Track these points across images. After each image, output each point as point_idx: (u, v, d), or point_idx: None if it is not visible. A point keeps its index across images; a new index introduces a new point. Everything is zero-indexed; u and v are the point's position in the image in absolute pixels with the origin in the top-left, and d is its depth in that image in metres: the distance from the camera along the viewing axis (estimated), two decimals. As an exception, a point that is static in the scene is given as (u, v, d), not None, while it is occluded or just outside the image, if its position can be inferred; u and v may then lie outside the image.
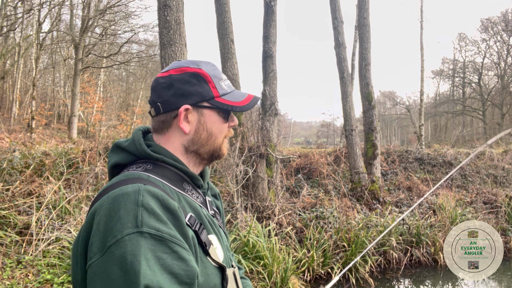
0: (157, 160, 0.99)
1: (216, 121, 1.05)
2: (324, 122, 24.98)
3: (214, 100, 1.03)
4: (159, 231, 0.78)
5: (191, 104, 1.02)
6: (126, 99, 30.64)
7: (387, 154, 11.72)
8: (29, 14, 18.13)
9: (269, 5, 7.63)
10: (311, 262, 5.74)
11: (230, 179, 6.27)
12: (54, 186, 5.48)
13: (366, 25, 9.59)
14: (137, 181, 0.87)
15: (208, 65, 1.08)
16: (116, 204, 0.80)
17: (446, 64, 36.48)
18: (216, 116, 1.05)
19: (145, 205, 0.80)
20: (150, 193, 0.83)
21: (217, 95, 1.04)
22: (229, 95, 1.06)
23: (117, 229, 0.76)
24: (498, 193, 9.34)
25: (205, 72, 1.04)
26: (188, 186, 1.03)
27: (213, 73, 1.06)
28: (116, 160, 1.02)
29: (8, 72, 21.66)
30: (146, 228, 0.77)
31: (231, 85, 1.11)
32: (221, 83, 1.06)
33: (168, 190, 0.93)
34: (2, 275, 3.93)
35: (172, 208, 0.84)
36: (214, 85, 1.04)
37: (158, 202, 0.83)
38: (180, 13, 5.10)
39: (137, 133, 1.04)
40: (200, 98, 1.02)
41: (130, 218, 0.77)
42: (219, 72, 1.09)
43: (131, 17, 20.39)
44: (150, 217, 0.78)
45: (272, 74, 7.47)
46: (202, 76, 1.03)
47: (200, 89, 1.02)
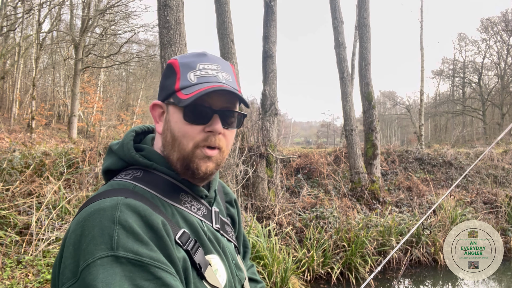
0: (148, 167, 0.87)
1: (178, 121, 0.87)
2: (324, 122, 25.01)
3: (175, 94, 0.87)
4: (138, 255, 0.66)
5: (161, 100, 0.91)
6: (126, 99, 30.64)
7: (387, 154, 11.72)
8: (29, 14, 18.13)
9: (269, 5, 7.63)
10: (311, 262, 5.73)
11: (230, 179, 6.27)
12: (54, 186, 5.48)
13: (366, 25, 9.60)
14: (119, 193, 0.77)
15: (193, 54, 0.92)
16: (91, 221, 0.70)
17: (446, 64, 36.53)
18: (179, 114, 0.86)
19: (122, 222, 0.69)
20: (130, 208, 0.72)
21: (178, 89, 0.87)
22: (189, 88, 0.86)
23: (89, 251, 0.65)
24: (498, 193, 9.34)
25: (177, 61, 0.90)
26: (187, 197, 0.90)
27: (186, 61, 0.89)
28: (106, 165, 0.92)
29: (8, 72, 21.66)
30: (122, 252, 0.66)
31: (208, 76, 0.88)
32: (190, 73, 0.87)
33: (158, 202, 0.82)
34: (2, 275, 3.93)
35: (155, 225, 0.73)
36: (180, 76, 0.88)
37: (139, 219, 0.71)
38: (180, 13, 5.10)
39: (128, 135, 0.93)
40: (166, 92, 0.90)
41: (105, 238, 0.66)
42: (201, 61, 0.90)
43: (131, 17, 20.41)
44: (128, 238, 0.67)
45: (272, 74, 7.47)
46: (173, 67, 0.90)
47: (167, 82, 0.90)
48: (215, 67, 0.90)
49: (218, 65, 0.91)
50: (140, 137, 0.98)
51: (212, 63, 0.90)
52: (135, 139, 0.95)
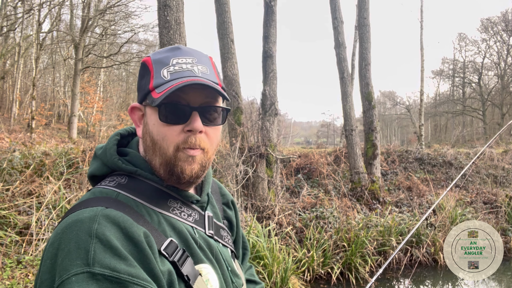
0: (132, 173, 0.82)
1: (156, 123, 0.81)
2: (324, 122, 25.01)
3: (149, 94, 0.81)
4: (115, 271, 0.62)
5: (139, 102, 0.86)
6: (126, 99, 30.65)
7: (387, 154, 11.72)
8: (29, 14, 18.12)
9: (269, 5, 7.63)
10: (311, 262, 5.73)
11: (230, 179, 6.27)
12: (54, 186, 5.48)
13: (366, 25, 9.60)
14: (99, 203, 0.73)
15: (167, 49, 0.86)
16: (67, 233, 0.66)
17: (446, 64, 36.52)
18: (155, 115, 0.81)
19: (99, 235, 0.65)
20: (109, 220, 0.68)
21: (152, 88, 0.81)
22: (163, 86, 0.80)
23: (64, 267, 0.62)
24: (498, 193, 9.35)
25: (149, 59, 0.84)
26: (175, 203, 0.85)
27: (159, 57, 0.83)
28: (91, 171, 0.88)
29: (8, 72, 21.67)
30: (99, 268, 0.62)
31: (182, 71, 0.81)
32: (163, 70, 0.81)
33: (143, 210, 0.77)
34: (2, 275, 3.93)
35: (136, 238, 0.68)
36: (153, 74, 0.82)
37: (118, 231, 0.67)
38: (180, 13, 5.10)
39: (111, 139, 0.87)
40: (142, 93, 0.84)
41: (81, 253, 0.63)
42: (174, 55, 0.84)
43: (131, 17, 20.40)
44: (106, 252, 0.64)
45: (272, 74, 7.47)
46: (147, 65, 0.84)
47: (142, 82, 0.84)
48: (190, 60, 0.83)
49: (193, 58, 0.84)
50: (127, 139, 0.93)
51: (187, 57, 0.84)
52: (121, 142, 0.90)
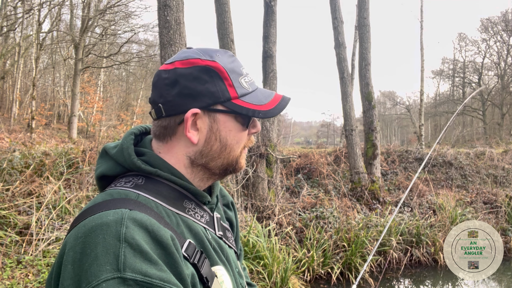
0: (151, 174, 0.82)
1: (233, 129, 0.84)
2: (324, 122, 25.02)
3: (231, 102, 0.82)
4: (147, 276, 0.61)
5: (201, 108, 0.82)
6: (126, 99, 30.65)
7: (387, 154, 11.73)
8: (29, 14, 18.12)
9: (269, 5, 7.64)
10: (311, 262, 5.74)
11: (230, 179, 6.27)
12: (54, 186, 5.48)
13: (366, 25, 9.60)
14: (122, 204, 0.71)
15: (225, 55, 0.86)
16: (93, 237, 0.64)
17: (446, 64, 36.52)
18: (232, 122, 0.84)
19: (129, 240, 0.63)
20: (136, 223, 0.66)
21: (235, 96, 0.82)
22: (250, 96, 0.85)
23: (93, 273, 0.60)
24: (498, 193, 9.35)
25: (221, 65, 0.82)
26: (190, 204, 0.85)
27: (231, 66, 0.84)
28: (102, 171, 0.85)
29: (8, 72, 21.66)
30: (130, 273, 0.60)
31: (253, 82, 0.89)
32: (241, 79, 0.84)
33: (163, 212, 0.77)
34: (2, 275, 3.93)
35: (164, 241, 0.67)
36: (232, 82, 0.82)
37: (146, 235, 0.66)
38: (180, 13, 5.10)
39: (127, 139, 0.85)
40: (213, 99, 0.81)
41: (110, 258, 0.61)
42: (239, 64, 0.87)
43: (131, 17, 20.40)
44: (136, 257, 0.62)
45: (272, 74, 7.48)
46: (217, 71, 0.82)
47: (213, 88, 0.81)
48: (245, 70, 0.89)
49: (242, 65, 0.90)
50: (137, 139, 0.91)
51: (242, 66, 0.88)
52: None
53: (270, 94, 0.88)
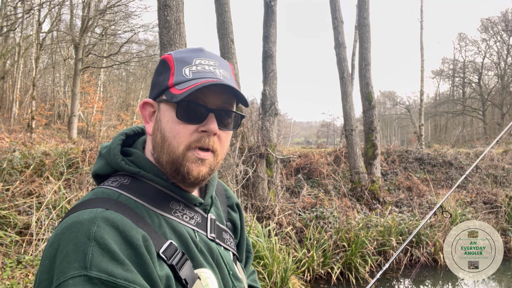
0: (135, 174, 0.82)
1: (170, 120, 0.81)
2: (324, 122, 25.01)
3: (168, 91, 0.81)
4: (112, 275, 0.62)
5: (153, 98, 0.85)
6: (126, 99, 30.65)
7: (387, 154, 11.72)
8: (29, 14, 18.12)
9: (269, 5, 7.64)
10: (311, 262, 5.74)
11: (230, 179, 6.27)
12: (54, 186, 5.48)
13: (366, 25, 9.60)
14: (100, 204, 0.72)
15: (190, 50, 0.87)
16: (67, 235, 0.65)
17: (446, 64, 36.54)
18: (171, 112, 0.81)
19: (98, 239, 0.64)
20: (108, 222, 0.67)
21: (171, 84, 0.81)
22: (184, 83, 0.80)
23: (62, 269, 0.62)
24: (498, 193, 9.35)
25: (171, 56, 0.84)
26: (178, 205, 0.84)
27: (181, 56, 0.84)
28: (95, 170, 0.87)
29: (8, 72, 21.66)
30: (96, 272, 0.61)
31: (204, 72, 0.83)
32: (185, 68, 0.82)
33: (144, 212, 0.76)
34: (2, 275, 3.93)
35: (135, 242, 0.68)
36: (174, 71, 0.82)
37: (117, 234, 0.67)
38: (180, 13, 5.10)
39: (116, 139, 0.87)
40: (158, 89, 0.84)
41: (79, 255, 0.62)
42: (197, 56, 0.85)
43: (131, 17, 20.39)
44: (103, 256, 0.63)
45: (272, 74, 7.48)
46: (167, 62, 0.84)
47: (160, 78, 0.84)
48: (213, 62, 0.85)
49: (215, 61, 0.86)
50: (133, 139, 0.92)
51: (209, 59, 0.85)
52: (127, 142, 0.90)
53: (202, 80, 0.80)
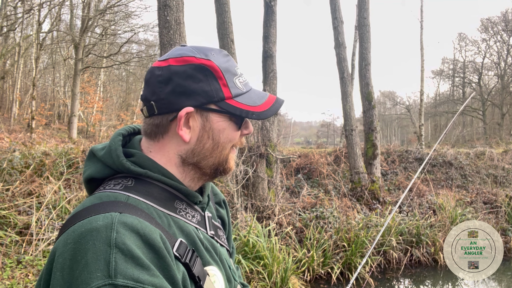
0: (141, 175, 0.80)
1: (226, 128, 0.84)
2: (324, 122, 24.98)
3: (225, 102, 0.82)
4: (139, 282, 0.60)
5: (195, 106, 0.81)
6: (126, 99, 30.64)
7: (387, 154, 11.72)
8: (29, 14, 18.12)
9: (269, 5, 7.64)
10: (311, 262, 5.74)
11: (230, 179, 6.27)
12: (54, 186, 5.48)
13: (366, 25, 9.60)
14: (111, 208, 0.69)
15: (220, 54, 0.85)
16: (82, 244, 0.62)
17: (446, 64, 36.53)
18: (226, 122, 0.84)
19: (119, 245, 0.62)
20: (127, 227, 0.65)
21: (229, 96, 0.82)
22: (244, 96, 0.85)
23: (83, 280, 0.58)
24: (498, 193, 9.35)
25: (215, 65, 0.82)
26: (181, 204, 0.85)
27: (226, 66, 0.84)
28: (90, 173, 0.83)
29: (8, 72, 21.66)
30: (122, 279, 0.59)
31: (247, 83, 0.89)
32: (235, 80, 0.84)
33: (154, 213, 0.76)
34: (2, 275, 3.93)
35: (157, 245, 0.66)
36: (226, 82, 0.82)
37: (138, 239, 0.65)
38: (180, 13, 5.10)
39: (115, 140, 0.84)
40: (207, 99, 0.81)
41: (101, 264, 0.60)
42: (234, 64, 0.86)
43: (131, 17, 20.38)
44: (127, 262, 0.61)
45: (272, 74, 7.48)
46: (211, 70, 0.81)
47: (207, 87, 0.81)
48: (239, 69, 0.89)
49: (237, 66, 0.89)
50: (126, 139, 0.90)
51: (236, 65, 0.88)
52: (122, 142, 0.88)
53: (264, 96, 0.88)
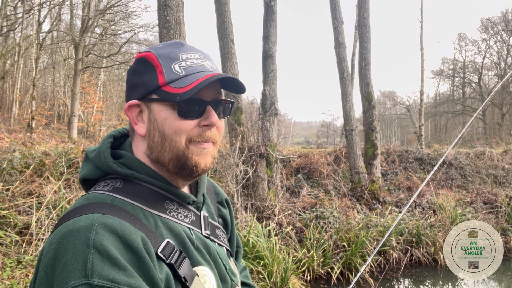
0: (128, 176, 0.81)
1: (167, 118, 0.80)
2: (324, 122, 25.00)
3: (161, 90, 0.79)
4: (114, 282, 0.61)
5: (138, 98, 0.82)
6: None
7: (387, 154, 11.72)
8: (29, 14, 18.11)
9: (269, 5, 7.64)
10: (311, 262, 5.74)
11: (230, 179, 6.27)
12: (54, 186, 5.48)
13: (366, 25, 9.59)
14: (95, 209, 0.70)
15: (169, 45, 0.84)
16: (64, 244, 0.64)
17: (446, 64, 36.51)
18: (167, 111, 0.80)
19: (97, 245, 0.63)
20: (106, 228, 0.66)
21: (163, 83, 0.79)
22: (180, 81, 0.79)
23: (62, 279, 0.60)
24: (498, 193, 9.35)
25: (152, 54, 0.81)
26: (172, 204, 0.84)
27: (165, 52, 0.82)
28: (83, 174, 0.86)
29: (8, 72, 21.66)
30: (98, 279, 0.60)
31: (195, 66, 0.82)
32: (173, 65, 0.80)
33: (140, 214, 0.76)
34: (2, 275, 3.93)
35: (135, 246, 0.67)
36: (162, 69, 0.80)
37: (116, 240, 0.66)
38: (180, 13, 5.10)
39: (104, 142, 0.86)
40: (146, 89, 0.81)
41: (79, 264, 0.61)
42: (180, 50, 0.83)
43: (131, 17, 20.39)
44: (104, 263, 0.62)
45: (272, 74, 7.47)
46: (149, 60, 0.81)
47: (145, 78, 0.81)
48: (198, 55, 0.84)
49: (199, 53, 0.85)
50: (120, 141, 0.92)
51: (193, 52, 0.84)
52: (114, 144, 0.89)
53: (200, 76, 0.79)
